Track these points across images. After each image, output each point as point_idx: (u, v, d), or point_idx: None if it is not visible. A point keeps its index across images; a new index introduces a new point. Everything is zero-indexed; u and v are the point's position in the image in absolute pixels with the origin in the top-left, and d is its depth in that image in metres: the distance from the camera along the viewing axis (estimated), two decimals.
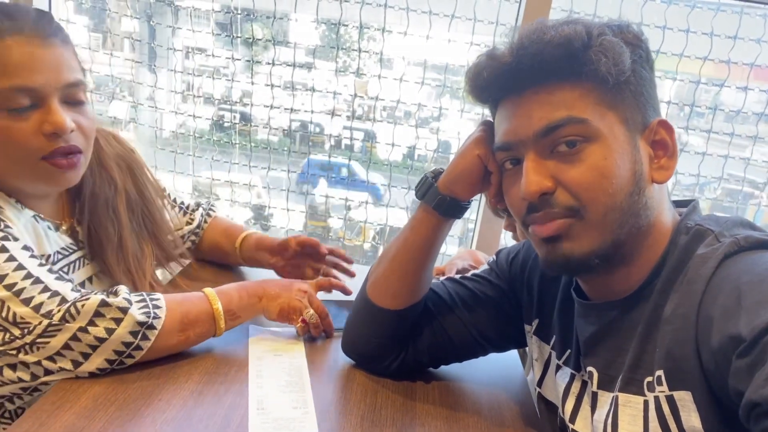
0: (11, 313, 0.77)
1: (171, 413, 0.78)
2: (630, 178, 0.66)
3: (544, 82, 0.66)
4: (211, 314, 0.91)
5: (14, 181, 0.86)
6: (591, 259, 0.66)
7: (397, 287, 0.88)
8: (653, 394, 0.63)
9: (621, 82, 0.66)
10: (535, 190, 0.66)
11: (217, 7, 1.83)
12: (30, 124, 0.81)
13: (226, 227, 1.28)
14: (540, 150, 0.67)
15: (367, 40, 1.96)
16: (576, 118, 0.65)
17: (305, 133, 2.01)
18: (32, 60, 0.80)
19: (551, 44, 0.64)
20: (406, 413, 0.85)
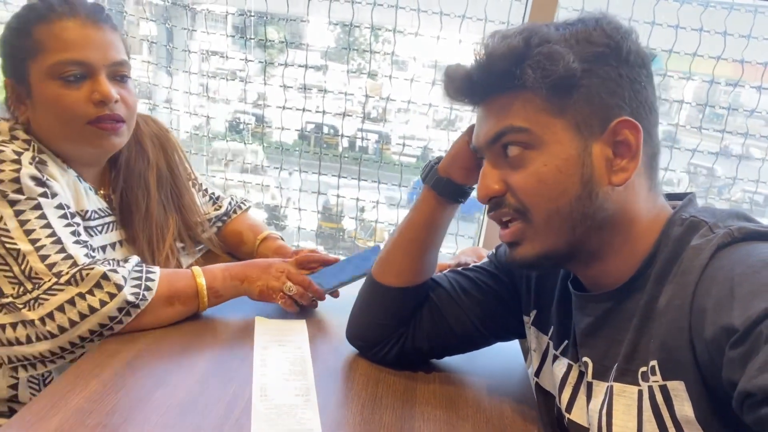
0: (29, 267, 0.86)
1: (177, 398, 0.80)
2: (576, 183, 0.67)
3: (494, 93, 0.70)
4: (195, 289, 0.97)
5: (64, 144, 0.98)
6: (541, 261, 0.71)
7: (401, 265, 0.90)
8: (647, 383, 0.64)
9: (569, 87, 0.65)
10: (483, 194, 0.72)
11: (232, 10, 1.87)
12: (81, 92, 0.95)
13: (255, 223, 1.33)
14: (492, 156, 0.72)
15: (381, 42, 1.98)
16: (516, 127, 0.68)
17: (319, 135, 2.04)
18: (85, 39, 0.94)
19: (495, 55, 0.68)
20: (406, 402, 0.87)
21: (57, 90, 0.93)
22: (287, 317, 1.06)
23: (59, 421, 0.73)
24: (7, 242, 0.86)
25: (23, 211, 0.88)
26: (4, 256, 0.86)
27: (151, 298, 0.91)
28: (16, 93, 0.97)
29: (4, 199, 0.87)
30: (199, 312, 1.01)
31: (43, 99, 0.95)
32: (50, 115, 0.95)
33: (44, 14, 0.94)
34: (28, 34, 0.94)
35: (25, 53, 0.94)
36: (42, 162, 0.93)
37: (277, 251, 1.23)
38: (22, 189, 0.89)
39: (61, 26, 0.94)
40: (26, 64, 0.94)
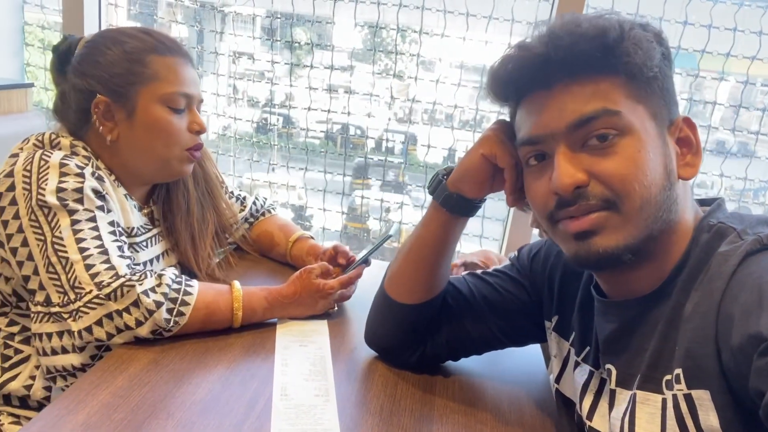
0: (74, 276, 0.89)
1: (199, 395, 0.82)
2: (662, 172, 0.65)
3: (577, 74, 0.65)
4: (230, 321, 0.99)
5: (149, 161, 1.06)
6: (624, 253, 0.65)
7: (413, 283, 0.90)
8: (671, 392, 0.63)
9: (650, 77, 0.66)
10: (570, 183, 0.64)
11: (260, 12, 1.90)
12: (183, 121, 1.06)
13: (285, 223, 1.36)
14: (571, 143, 0.66)
15: (408, 43, 1.98)
16: (610, 110, 0.64)
17: (345, 136, 2.05)
18: (191, 76, 1.07)
19: (586, 36, 0.64)
20: (425, 405, 0.87)
21: (165, 116, 1.03)
22: (309, 318, 1.07)
23: (86, 415, 0.75)
24: (59, 250, 0.90)
25: (79, 221, 0.92)
26: (54, 265, 0.89)
27: (183, 323, 0.93)
28: (109, 110, 1.02)
29: (65, 208, 0.92)
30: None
31: (149, 120, 1.03)
32: (152, 134, 1.03)
33: (158, 47, 1.04)
34: (143, 62, 1.02)
35: (137, 78, 1.02)
36: (100, 178, 0.99)
37: (310, 251, 1.25)
38: (83, 199, 0.93)
39: (174, 62, 1.04)
40: (135, 88, 1.02)
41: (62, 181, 0.93)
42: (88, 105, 1.01)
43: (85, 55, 1.03)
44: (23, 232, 0.91)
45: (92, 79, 1.02)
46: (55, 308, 0.89)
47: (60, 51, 1.08)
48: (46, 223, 0.91)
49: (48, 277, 0.89)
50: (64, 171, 0.94)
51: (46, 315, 0.90)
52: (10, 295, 0.99)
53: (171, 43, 1.06)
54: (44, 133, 1.03)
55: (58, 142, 1.01)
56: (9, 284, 0.98)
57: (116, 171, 1.06)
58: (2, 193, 0.93)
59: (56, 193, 0.91)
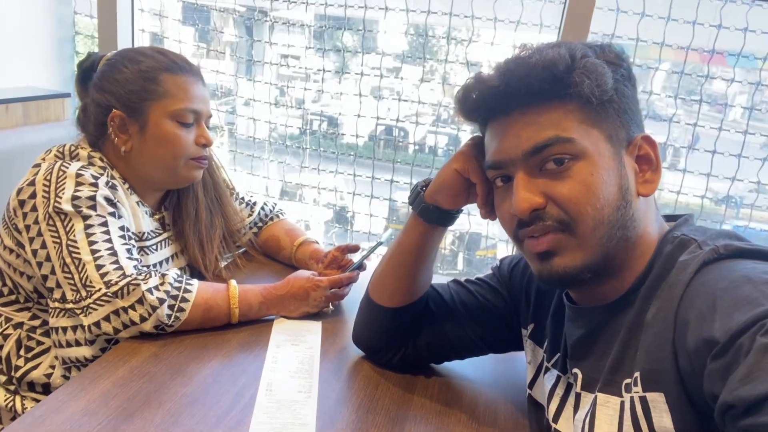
0: (86, 275, 0.97)
1: (191, 387, 0.89)
2: (617, 192, 0.68)
3: (531, 104, 0.69)
4: (228, 316, 1.06)
5: (159, 170, 1.15)
6: (583, 273, 0.69)
7: (393, 287, 0.94)
8: (629, 394, 0.65)
9: (604, 101, 0.68)
10: (526, 207, 0.68)
11: (309, 17, 1.96)
12: (192, 135, 1.15)
13: (291, 228, 1.42)
14: (529, 168, 0.70)
15: (455, 45, 2.00)
16: (563, 138, 0.68)
17: (389, 138, 2.08)
18: (200, 94, 1.16)
19: (537, 67, 0.67)
20: (401, 405, 0.91)
21: (174, 130, 1.12)
22: (305, 318, 1.12)
23: (86, 402, 0.83)
24: (73, 252, 0.99)
25: (92, 225, 1.01)
26: (69, 265, 0.98)
27: (183, 319, 1.00)
28: (124, 124, 1.12)
29: (79, 214, 1.01)
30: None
31: (159, 134, 1.12)
32: (162, 147, 1.12)
33: (170, 67, 1.13)
34: (156, 80, 1.11)
35: (150, 95, 1.11)
36: (113, 187, 1.08)
37: (312, 255, 1.31)
38: (96, 206, 1.02)
39: (185, 80, 1.13)
40: (148, 104, 1.11)
41: (78, 189, 1.02)
42: (105, 118, 1.11)
43: (105, 72, 1.13)
44: (42, 236, 1.01)
45: (109, 95, 1.11)
46: (69, 305, 0.97)
47: (84, 67, 1.18)
48: (62, 228, 1.00)
49: (63, 276, 0.98)
50: (80, 181, 1.03)
51: (62, 311, 0.98)
52: (32, 292, 1.09)
53: (183, 62, 1.15)
54: (65, 145, 1.13)
55: (77, 153, 1.11)
56: (31, 282, 1.08)
57: (130, 179, 1.15)
58: (25, 200, 1.03)
59: (71, 200, 1.01)
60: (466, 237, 2.12)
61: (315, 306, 1.12)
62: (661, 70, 1.71)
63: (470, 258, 2.30)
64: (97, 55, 1.18)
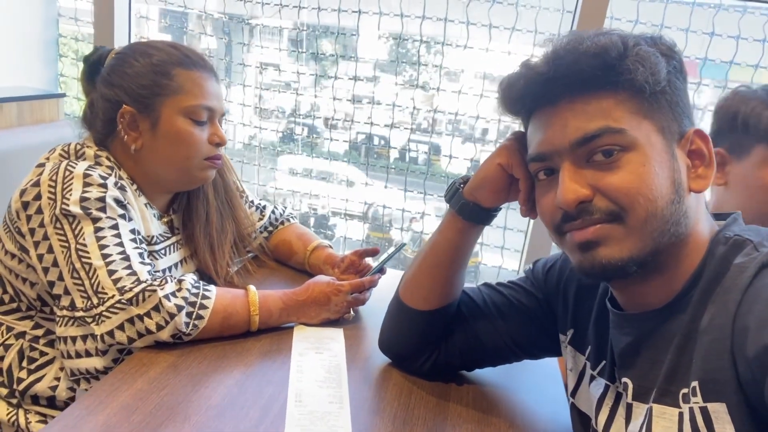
0: (98, 281, 0.92)
1: (215, 399, 0.84)
2: (669, 186, 0.65)
3: (580, 92, 0.66)
4: (248, 323, 1.01)
5: (171, 169, 1.09)
6: (629, 265, 0.65)
7: (427, 289, 0.90)
8: (688, 405, 0.62)
9: (657, 92, 0.66)
10: (573, 198, 0.65)
11: (287, 24, 1.93)
12: (205, 133, 1.09)
13: (303, 232, 1.37)
14: (576, 159, 0.67)
15: (433, 54, 1.99)
16: (613, 128, 0.65)
17: (369, 146, 2.07)
18: (215, 90, 1.11)
19: (587, 54, 0.65)
20: (438, 414, 0.87)
21: (187, 127, 1.06)
22: (325, 325, 1.08)
23: (106, 416, 0.77)
24: (83, 256, 0.93)
25: (102, 228, 0.95)
26: (78, 271, 0.92)
27: (202, 327, 0.95)
28: (134, 120, 1.06)
29: (88, 216, 0.95)
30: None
31: (172, 131, 1.06)
32: (174, 145, 1.06)
33: (184, 61, 1.07)
34: (169, 75, 1.05)
35: (162, 90, 1.05)
36: (123, 188, 1.02)
37: (327, 260, 1.26)
38: (106, 208, 0.97)
39: (199, 76, 1.08)
40: (160, 100, 1.05)
41: (86, 191, 0.96)
42: (115, 114, 1.05)
43: (114, 66, 1.07)
44: (49, 240, 0.94)
45: (119, 90, 1.05)
46: (79, 312, 0.92)
47: (91, 61, 1.12)
48: (70, 231, 0.94)
49: (72, 282, 0.92)
50: (88, 181, 0.97)
51: (71, 319, 0.92)
52: (35, 300, 1.03)
53: (196, 57, 1.09)
54: (70, 144, 1.07)
55: (83, 152, 1.05)
56: (34, 289, 1.02)
57: (138, 180, 1.10)
58: (29, 202, 0.96)
59: (80, 202, 0.95)
60: None
61: (336, 312, 1.08)
62: None
63: None
64: (105, 49, 1.12)
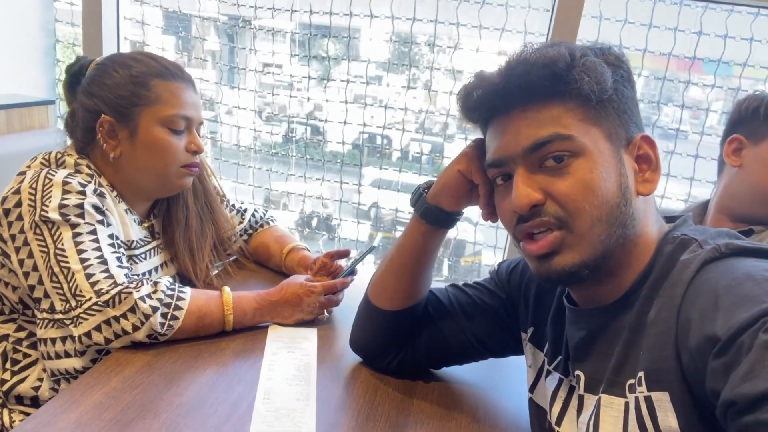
0: (75, 284, 0.95)
1: (186, 397, 0.87)
2: (616, 190, 0.68)
3: (531, 102, 0.69)
4: (222, 323, 1.05)
5: (150, 177, 1.13)
6: (581, 270, 0.68)
7: (393, 290, 0.93)
8: (634, 395, 0.65)
9: (603, 100, 0.69)
10: (526, 203, 0.69)
11: (291, 26, 1.95)
12: (182, 142, 1.13)
13: (281, 234, 1.41)
14: (529, 165, 0.70)
15: (437, 53, 2.00)
16: (562, 135, 0.68)
17: (373, 146, 2.08)
18: (192, 100, 1.14)
19: (537, 65, 0.68)
20: (401, 411, 0.90)
21: (165, 136, 1.10)
22: (300, 325, 1.11)
23: (78, 414, 0.80)
24: (62, 261, 0.96)
25: (81, 233, 0.98)
26: (57, 275, 0.96)
27: (177, 327, 0.98)
28: (113, 130, 1.09)
29: (67, 222, 0.98)
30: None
31: (150, 140, 1.09)
32: (152, 153, 1.10)
33: (162, 72, 1.10)
34: (147, 86, 1.09)
35: (140, 100, 1.08)
36: (102, 194, 1.05)
37: (301, 262, 1.29)
38: (84, 214, 1.00)
39: (176, 86, 1.11)
40: (138, 110, 1.08)
41: (65, 198, 0.99)
42: (94, 124, 1.08)
43: (94, 77, 1.10)
44: (29, 245, 0.98)
45: (99, 100, 1.09)
46: (58, 315, 0.95)
47: (72, 71, 1.15)
48: (49, 236, 0.97)
49: (52, 286, 0.96)
50: (67, 189, 1.00)
51: (51, 321, 0.96)
52: (17, 303, 1.06)
53: (174, 68, 1.13)
54: (51, 152, 1.10)
55: (63, 160, 1.08)
56: (16, 293, 1.05)
57: (118, 187, 1.13)
58: (10, 210, 1.00)
59: (59, 209, 0.98)
60: (452, 243, 2.13)
61: (309, 312, 1.11)
62: (642, 76, 1.73)
63: (455, 265, 2.30)
64: (86, 60, 1.16)
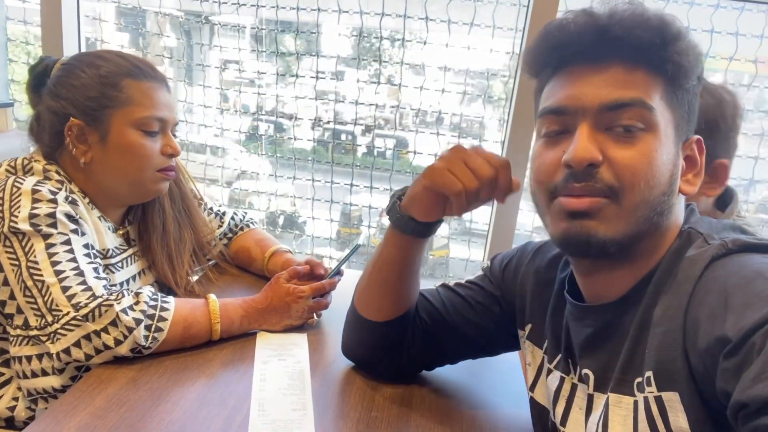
0: (51, 299, 0.90)
1: (177, 414, 0.83)
2: (668, 178, 0.66)
3: (626, 58, 0.65)
4: (209, 333, 1.00)
5: (122, 183, 1.07)
6: (611, 245, 0.65)
7: (379, 301, 0.91)
8: (643, 394, 0.64)
9: (686, 88, 0.67)
10: (587, 157, 0.64)
11: (248, 22, 1.90)
12: (157, 145, 1.07)
13: (262, 238, 1.35)
14: (597, 123, 0.65)
15: (396, 48, 1.98)
16: (646, 103, 0.64)
17: (333, 143, 2.05)
18: (165, 101, 1.08)
19: (648, 23, 0.63)
20: (401, 417, 0.88)
21: (138, 139, 1.04)
22: (288, 331, 1.08)
23: None
24: (35, 274, 0.90)
25: (54, 244, 0.93)
26: (30, 289, 0.90)
27: (162, 339, 0.94)
28: (83, 133, 1.03)
29: (38, 233, 0.92)
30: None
31: (123, 144, 1.04)
32: (125, 158, 1.04)
33: (133, 72, 1.04)
34: (117, 86, 1.03)
35: (111, 102, 1.02)
36: (74, 202, 0.99)
37: (285, 265, 1.24)
38: (56, 224, 0.94)
39: (149, 86, 1.05)
40: (109, 112, 1.02)
41: (35, 207, 0.93)
42: (62, 127, 1.02)
43: (60, 78, 1.04)
44: None
45: (66, 102, 1.03)
46: (33, 331, 0.89)
47: (36, 72, 1.08)
48: (20, 248, 0.92)
49: (25, 300, 0.90)
50: (37, 197, 0.94)
51: (25, 338, 0.90)
52: None
53: (146, 67, 1.07)
54: (17, 159, 1.04)
55: (30, 167, 1.02)
56: None
57: (90, 193, 1.07)
58: None
59: (29, 219, 0.92)
60: None
61: (298, 318, 1.08)
62: None
63: (424, 258, 2.29)
64: (51, 59, 1.09)
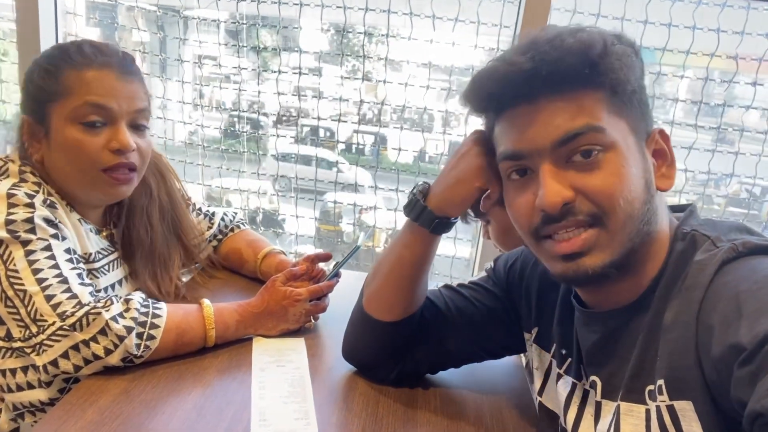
0: (34, 308, 0.85)
1: (174, 426, 0.79)
2: (643, 186, 0.65)
3: (561, 90, 0.64)
4: (203, 339, 0.97)
5: (74, 187, 0.98)
6: (610, 270, 0.65)
7: (393, 301, 0.89)
8: (655, 403, 0.63)
9: (630, 92, 0.66)
10: (558, 200, 0.64)
11: (224, 16, 1.85)
12: (100, 139, 0.94)
13: (254, 239, 1.31)
14: (556, 159, 0.65)
15: (375, 44, 1.96)
16: (595, 126, 0.63)
17: (315, 139, 2.02)
18: (111, 87, 0.94)
19: (571, 50, 0.63)
20: (407, 422, 0.86)
21: (76, 135, 0.93)
22: (285, 336, 1.05)
23: None
24: (15, 283, 0.85)
25: (34, 251, 0.87)
26: (12, 299, 0.85)
27: (155, 347, 0.90)
28: (32, 131, 0.96)
29: (17, 240, 0.87)
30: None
31: (61, 142, 0.94)
32: (66, 158, 0.95)
33: (76, 60, 0.94)
34: (56, 77, 0.93)
35: (49, 95, 0.94)
36: (52, 205, 0.93)
37: (279, 267, 1.20)
38: (35, 229, 0.88)
39: (92, 75, 0.94)
40: (48, 106, 0.94)
41: (11, 212, 0.88)
42: None
43: (26, 74, 0.98)
44: None
45: (23, 98, 0.98)
46: (17, 343, 0.85)
47: None
48: None
49: (7, 311, 0.85)
50: (13, 202, 0.88)
51: (8, 350, 0.86)
52: None
53: (96, 55, 0.95)
54: None
55: (6, 169, 0.95)
56: None
57: (65, 194, 0.99)
58: None
59: (6, 225, 0.86)
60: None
61: (296, 322, 1.05)
62: None
63: None
64: None
